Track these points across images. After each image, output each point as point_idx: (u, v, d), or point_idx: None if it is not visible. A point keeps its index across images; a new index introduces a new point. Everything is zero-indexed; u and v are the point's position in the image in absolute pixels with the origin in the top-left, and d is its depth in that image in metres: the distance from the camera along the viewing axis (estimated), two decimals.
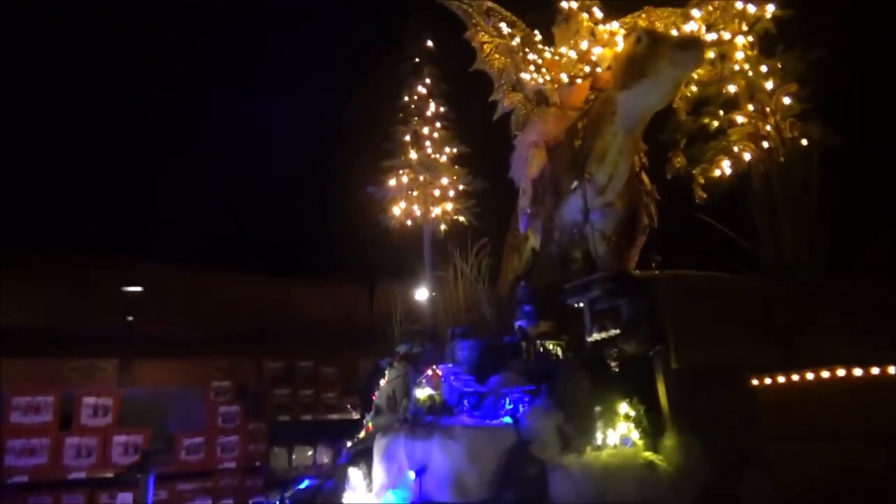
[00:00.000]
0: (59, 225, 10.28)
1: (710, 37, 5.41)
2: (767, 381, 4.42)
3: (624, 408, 3.39)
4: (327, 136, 10.67)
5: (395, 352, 6.40)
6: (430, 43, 7.51)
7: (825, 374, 4.40)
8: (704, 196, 5.99)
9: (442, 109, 7.38)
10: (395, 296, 7.58)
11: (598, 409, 3.52)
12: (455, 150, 7.30)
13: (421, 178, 6.95)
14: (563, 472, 3.32)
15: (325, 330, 12.07)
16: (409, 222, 7.35)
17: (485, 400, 4.30)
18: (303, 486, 5.65)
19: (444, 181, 7.09)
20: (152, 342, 10.93)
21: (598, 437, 3.44)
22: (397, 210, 7.16)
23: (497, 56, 6.61)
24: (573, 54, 5.73)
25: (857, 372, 4.23)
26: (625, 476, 3.10)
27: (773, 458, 3.81)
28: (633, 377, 3.54)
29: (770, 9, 5.42)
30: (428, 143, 7.18)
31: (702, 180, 5.98)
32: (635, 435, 3.33)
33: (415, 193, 7.02)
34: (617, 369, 3.59)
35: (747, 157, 5.56)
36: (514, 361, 4.73)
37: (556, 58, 5.86)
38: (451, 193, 7.27)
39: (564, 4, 6.11)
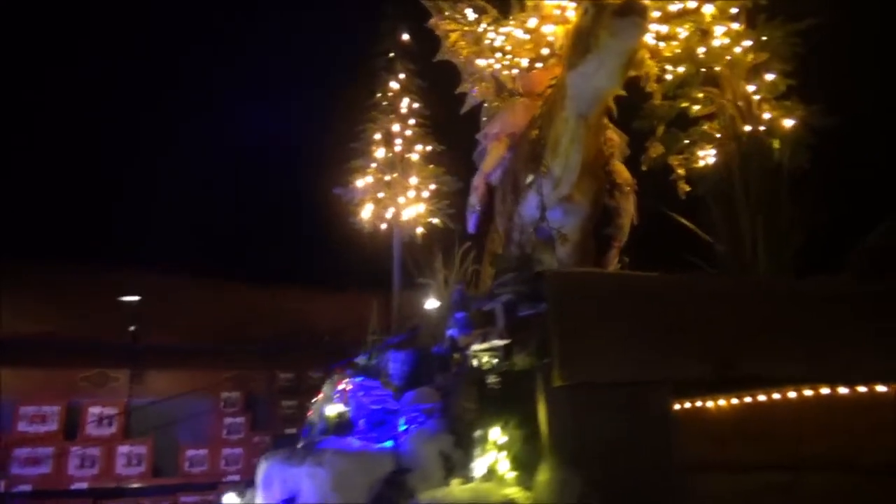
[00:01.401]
0: (67, 237, 10.40)
1: (675, 7, 4.78)
2: (697, 403, 3.79)
3: (495, 433, 2.84)
4: (331, 142, 10.41)
5: (355, 363, 6.01)
6: (405, 37, 7.10)
7: (769, 395, 3.74)
8: (688, 189, 5.36)
9: (416, 105, 6.93)
10: (410, 305, 7.23)
11: (477, 433, 2.98)
12: (429, 148, 6.84)
13: (387, 178, 6.52)
14: None
15: (339, 340, 11.80)
16: (383, 226, 6.94)
17: (392, 419, 3.82)
18: None
19: (414, 181, 6.63)
20: (164, 352, 10.92)
21: (472, 467, 2.91)
22: (367, 213, 6.75)
23: (464, 45, 6.13)
24: (519, 34, 5.19)
25: (808, 393, 3.55)
26: None
27: (702, 495, 3.19)
28: (517, 397, 2.99)
29: None
30: (399, 140, 6.75)
31: (682, 171, 5.33)
32: (504, 466, 2.78)
33: (381, 195, 6.59)
34: (498, 387, 3.05)
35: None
36: (438, 375, 4.22)
37: (495, 39, 5.33)
38: (426, 195, 6.81)
39: None
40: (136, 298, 9.87)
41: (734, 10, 5.03)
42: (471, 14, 6.03)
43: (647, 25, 4.24)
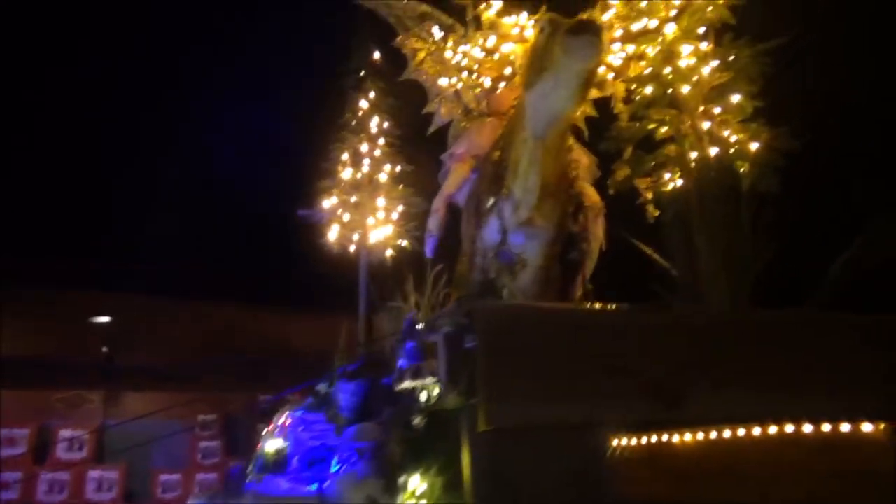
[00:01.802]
0: (44, 257, 10.24)
1: (637, 26, 4.63)
2: (663, 437, 3.58)
3: (414, 481, 2.64)
4: (308, 161, 10.27)
5: (316, 390, 5.80)
6: (377, 55, 6.96)
7: (734, 432, 3.53)
8: (657, 214, 5.19)
9: (386, 125, 6.78)
10: (379, 330, 7.06)
11: (401, 479, 2.78)
12: (398, 168, 6.68)
13: (353, 199, 6.35)
14: None
15: (323, 363, 11.58)
16: (352, 248, 6.77)
17: (331, 457, 3.61)
18: None
19: (382, 202, 6.45)
20: (140, 373, 10.72)
21: None
22: (333, 234, 6.58)
23: (431, 64, 5.99)
24: (478, 52, 5.04)
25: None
26: None
27: None
28: (444, 439, 2.78)
29: None
30: (368, 160, 6.59)
31: (650, 195, 5.16)
32: None
33: (346, 217, 6.42)
34: (424, 428, 2.85)
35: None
36: (386, 410, 4.01)
37: (456, 57, 5.19)
38: (395, 216, 6.64)
39: None
40: (106, 319, 9.69)
41: (701, 30, 4.90)
42: (437, 32, 5.91)
43: (604, 45, 4.06)
